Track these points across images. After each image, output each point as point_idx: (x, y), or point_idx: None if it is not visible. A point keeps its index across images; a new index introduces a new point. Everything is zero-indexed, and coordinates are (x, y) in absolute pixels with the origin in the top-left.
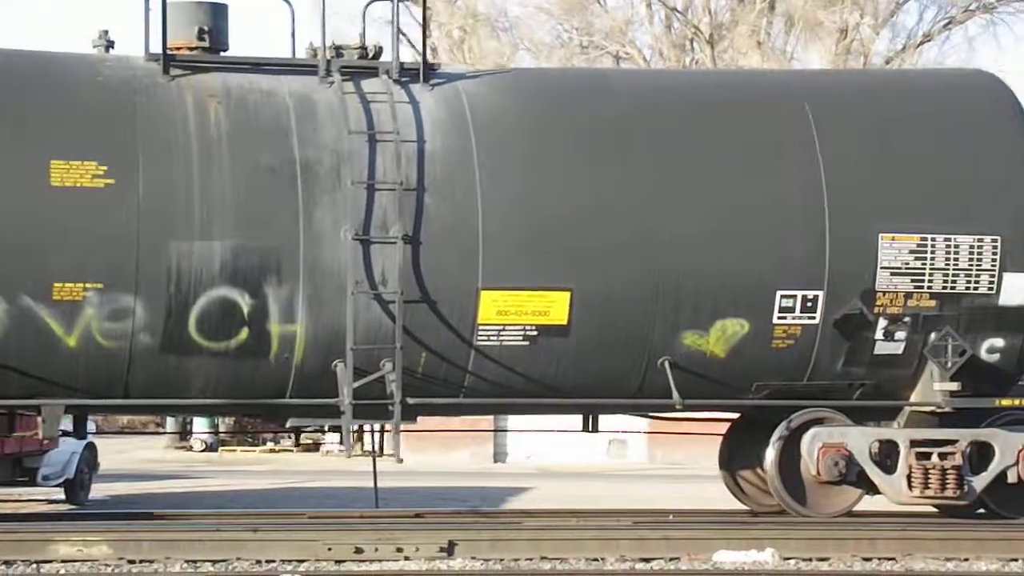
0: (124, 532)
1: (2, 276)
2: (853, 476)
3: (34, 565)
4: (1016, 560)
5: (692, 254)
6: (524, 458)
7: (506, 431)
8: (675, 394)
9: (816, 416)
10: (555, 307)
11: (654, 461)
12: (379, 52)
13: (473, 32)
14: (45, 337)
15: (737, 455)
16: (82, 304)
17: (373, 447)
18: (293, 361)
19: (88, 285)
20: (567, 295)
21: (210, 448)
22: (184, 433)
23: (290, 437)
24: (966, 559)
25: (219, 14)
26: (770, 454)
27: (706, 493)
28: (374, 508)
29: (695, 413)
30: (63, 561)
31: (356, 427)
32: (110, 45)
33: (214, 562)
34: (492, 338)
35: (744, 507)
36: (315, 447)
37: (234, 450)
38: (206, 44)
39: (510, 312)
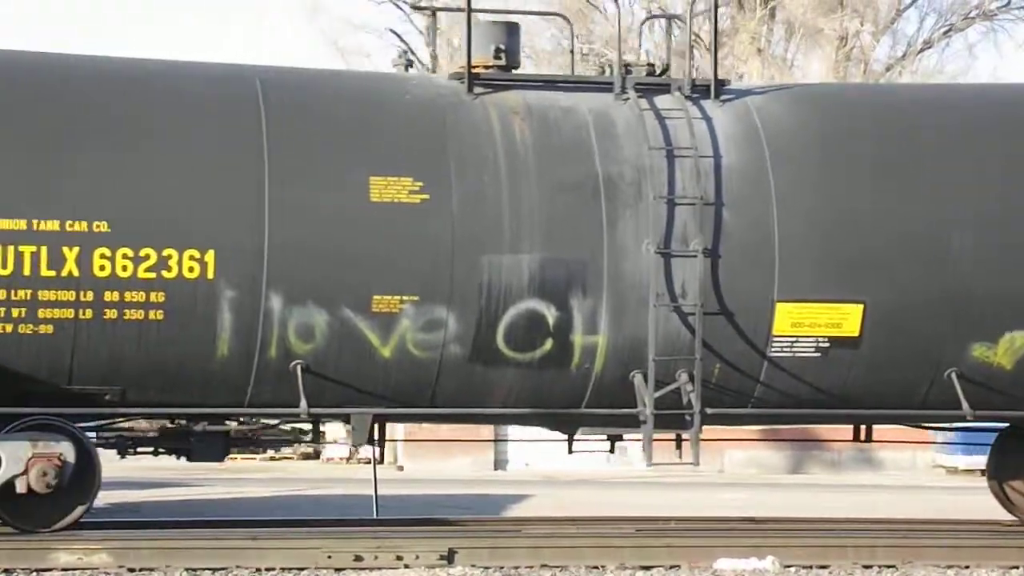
0: (124, 540)
1: (325, 288)
2: None
3: (34, 574)
4: (1017, 568)
5: (983, 267)
6: (523, 465)
7: (507, 440)
8: (964, 405)
9: None
10: (848, 319)
11: (655, 468)
12: (666, 69)
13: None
14: (362, 348)
15: (1007, 465)
16: (398, 316)
17: (373, 455)
18: (593, 371)
19: (405, 297)
20: (860, 307)
21: None
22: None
23: (291, 446)
24: (967, 566)
25: (512, 33)
26: None
27: (708, 500)
28: (374, 515)
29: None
30: (63, 570)
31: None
32: (409, 64)
33: (214, 570)
34: (785, 350)
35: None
36: (315, 455)
37: (235, 458)
38: (502, 62)
39: (804, 324)
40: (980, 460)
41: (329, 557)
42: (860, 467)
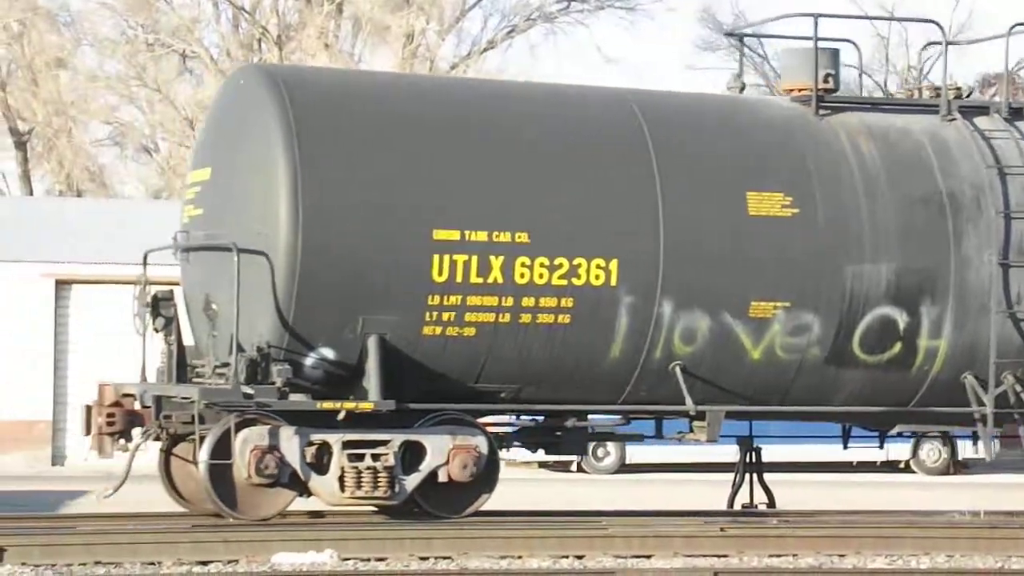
0: None
1: (709, 294)
2: None
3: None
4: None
5: None
6: (83, 460)
7: (65, 431)
8: None
9: None
10: None
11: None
12: (971, 92)
13: (33, 25)
14: (735, 350)
15: None
16: (771, 320)
17: None
18: (930, 373)
19: (778, 303)
20: None
21: None
22: None
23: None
24: (520, 556)
25: (836, 58)
26: None
27: None
28: None
29: None
30: None
31: None
32: (743, 88)
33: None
34: None
35: (307, 509)
36: None
37: None
38: (831, 86)
39: None
40: None
41: None
42: None
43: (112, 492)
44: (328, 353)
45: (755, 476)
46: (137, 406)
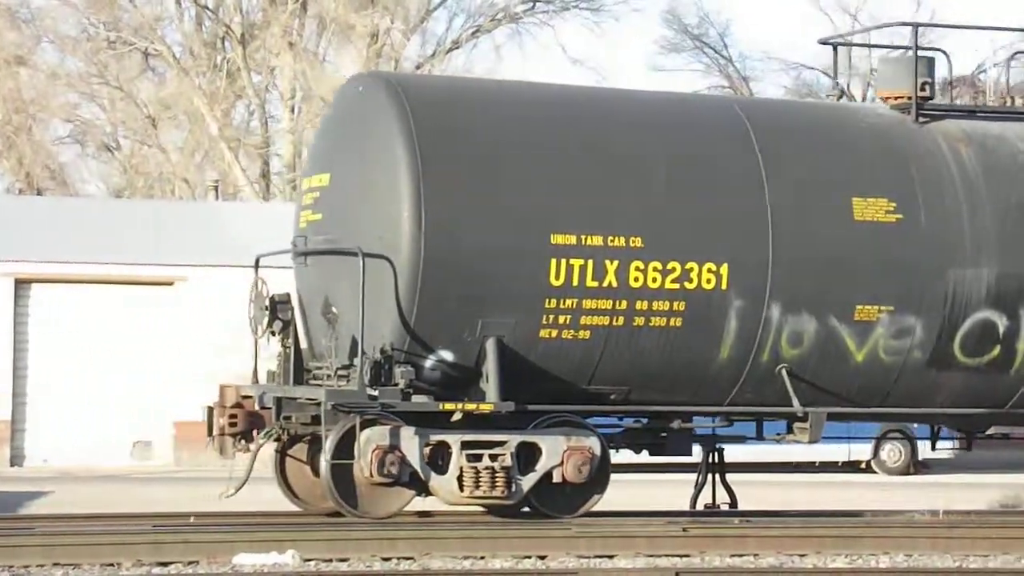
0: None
1: (816, 298)
2: None
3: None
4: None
5: None
6: (42, 461)
7: (24, 431)
8: None
9: None
10: None
11: (180, 464)
12: None
13: None
14: (840, 353)
15: None
16: (875, 324)
17: None
18: None
19: (882, 307)
20: None
21: None
22: None
23: None
24: (482, 557)
25: (932, 66)
26: None
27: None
28: None
29: None
30: None
31: None
32: (843, 94)
33: None
34: None
35: (270, 510)
36: None
37: None
38: (927, 94)
39: None
40: None
41: None
42: None
43: (234, 492)
44: (447, 355)
45: (718, 476)
46: (256, 408)
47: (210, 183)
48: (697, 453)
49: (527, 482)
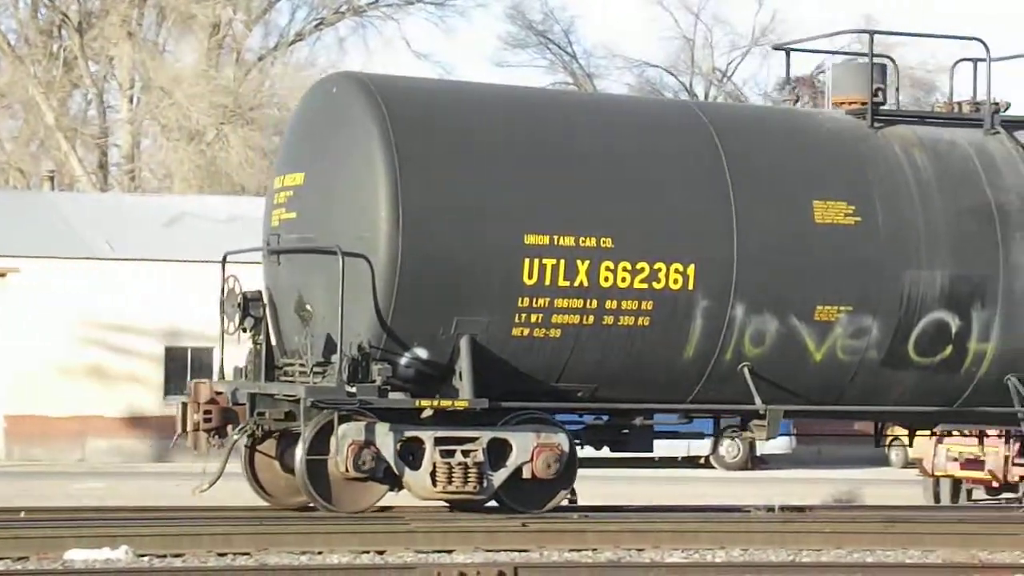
0: None
1: (779, 298)
2: None
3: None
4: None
5: None
6: None
7: None
8: None
9: None
10: None
11: (12, 458)
12: (1009, 106)
13: None
14: (799, 352)
15: None
16: (834, 324)
17: None
18: (977, 375)
19: (841, 308)
20: None
21: None
22: None
23: None
24: (320, 552)
25: (884, 73)
26: None
27: (66, 490)
28: None
29: None
30: None
31: None
32: (797, 99)
33: None
34: None
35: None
36: None
37: None
38: (880, 100)
39: None
40: None
41: None
42: None
43: (207, 487)
44: (421, 353)
45: None
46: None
47: (46, 173)
48: (658, 449)
49: (498, 478)
